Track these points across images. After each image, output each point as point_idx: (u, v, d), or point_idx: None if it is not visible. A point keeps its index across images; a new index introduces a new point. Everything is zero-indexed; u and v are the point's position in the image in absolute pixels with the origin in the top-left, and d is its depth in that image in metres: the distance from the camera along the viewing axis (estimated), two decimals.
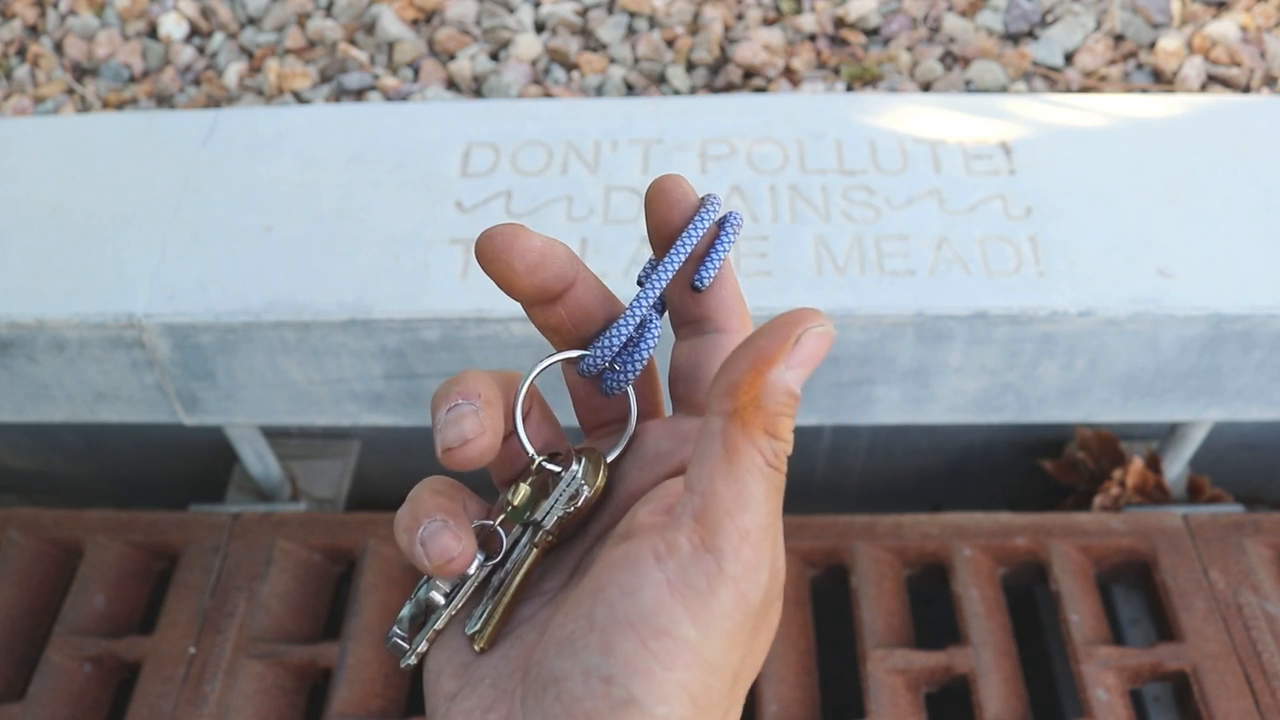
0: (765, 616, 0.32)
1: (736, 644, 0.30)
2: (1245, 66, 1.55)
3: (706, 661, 0.30)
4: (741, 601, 0.30)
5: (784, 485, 0.32)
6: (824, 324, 0.32)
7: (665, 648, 0.29)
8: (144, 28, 1.74)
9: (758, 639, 0.32)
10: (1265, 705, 1.00)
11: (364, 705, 1.06)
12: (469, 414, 0.35)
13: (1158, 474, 1.25)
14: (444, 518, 0.36)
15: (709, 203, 0.39)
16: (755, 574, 0.30)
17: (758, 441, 0.31)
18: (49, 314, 1.04)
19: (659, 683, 0.29)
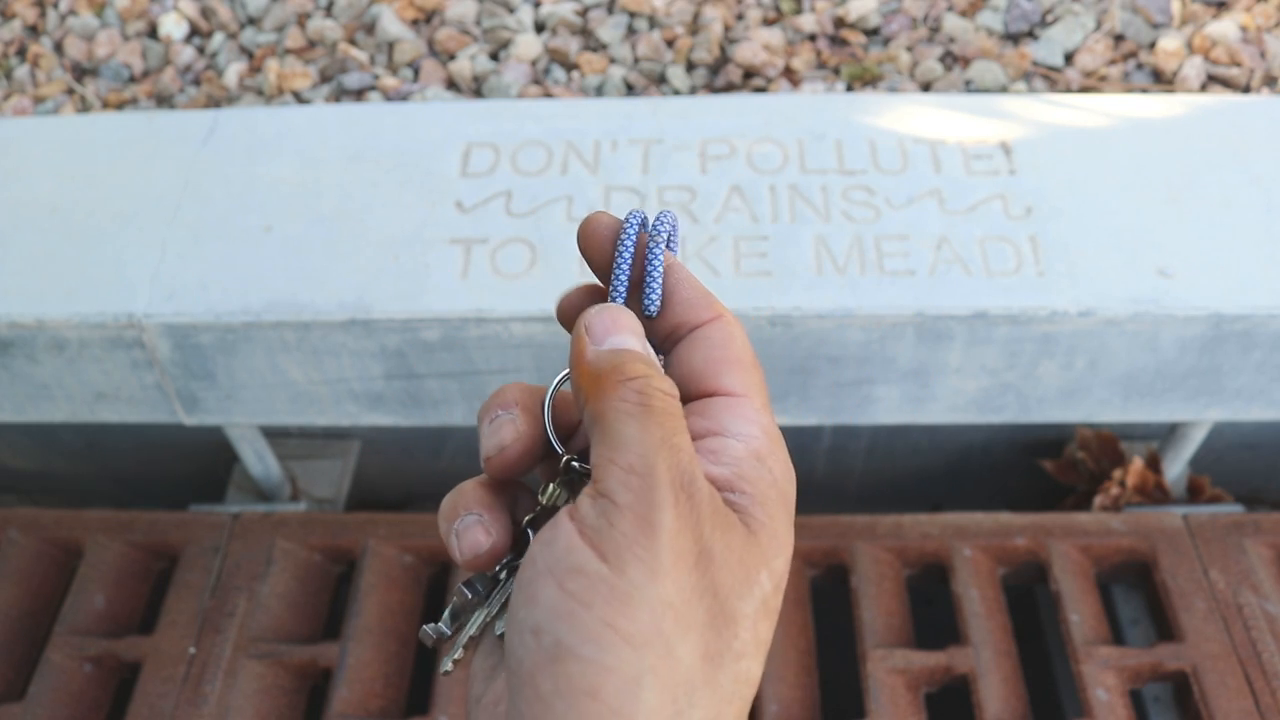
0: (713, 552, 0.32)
1: (662, 574, 0.31)
2: (1245, 66, 1.55)
3: (625, 594, 0.30)
4: (645, 527, 0.31)
5: (670, 419, 0.33)
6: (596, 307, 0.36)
7: (581, 586, 0.30)
8: (144, 28, 1.74)
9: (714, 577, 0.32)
10: (1265, 705, 1.00)
11: (364, 705, 1.06)
12: (507, 423, 0.37)
13: (1158, 474, 1.25)
14: (480, 512, 0.37)
15: (626, 224, 0.39)
16: (651, 498, 0.31)
17: (613, 393, 0.33)
18: (49, 314, 1.04)
19: (581, 622, 0.30)
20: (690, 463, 0.33)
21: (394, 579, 1.15)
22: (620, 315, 0.36)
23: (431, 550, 1.16)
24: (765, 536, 0.33)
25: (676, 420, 0.33)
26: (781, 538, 0.34)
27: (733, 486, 0.34)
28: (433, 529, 1.17)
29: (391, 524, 1.17)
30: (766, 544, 0.33)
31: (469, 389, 1.10)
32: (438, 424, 1.15)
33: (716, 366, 0.37)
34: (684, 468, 0.32)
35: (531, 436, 0.37)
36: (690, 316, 0.38)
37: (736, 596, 0.32)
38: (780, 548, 0.34)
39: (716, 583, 0.32)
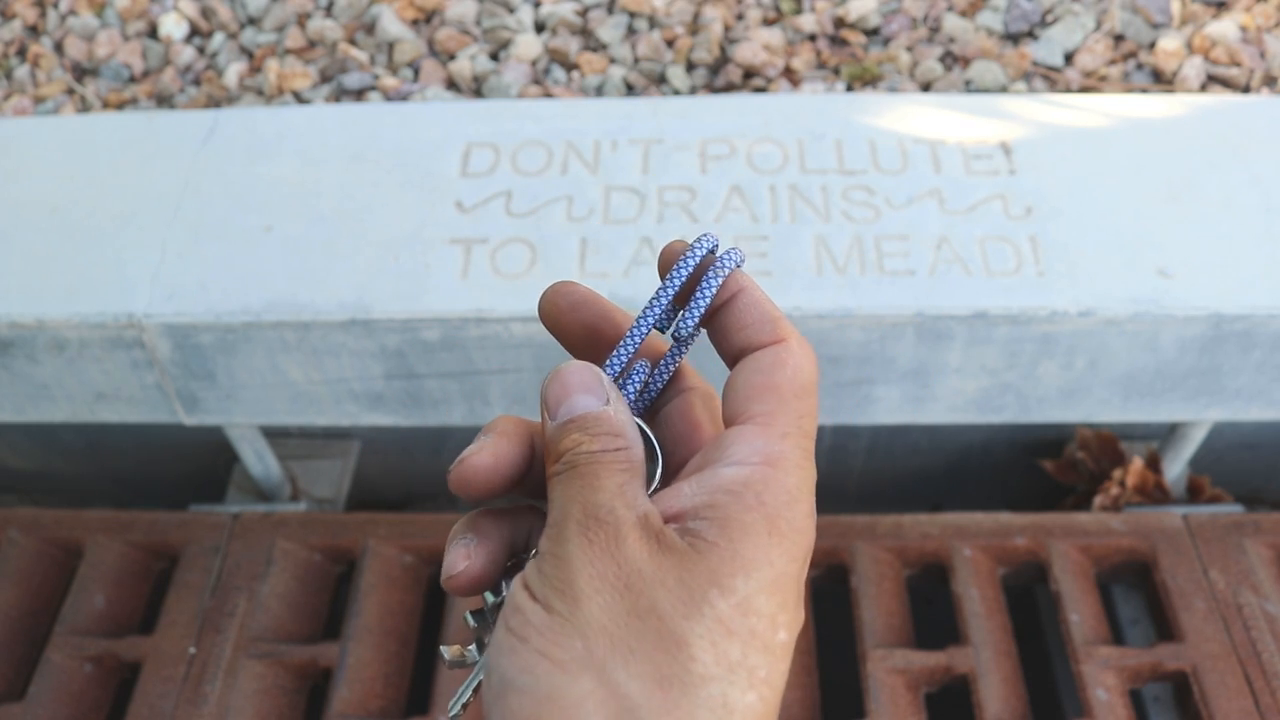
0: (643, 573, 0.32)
1: (584, 599, 0.32)
2: (1245, 66, 1.55)
3: (553, 624, 0.32)
4: (556, 561, 0.33)
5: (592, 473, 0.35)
6: (550, 374, 0.38)
7: (518, 622, 0.33)
8: (144, 28, 1.74)
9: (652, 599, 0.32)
10: (1265, 705, 1.00)
11: (364, 705, 1.06)
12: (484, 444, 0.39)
13: (1158, 474, 1.26)
14: (471, 536, 0.38)
15: (694, 245, 0.39)
16: (560, 535, 0.34)
17: (551, 467, 0.36)
18: (49, 314, 1.04)
19: (519, 655, 0.32)
20: (610, 498, 0.34)
21: (394, 579, 1.15)
22: (568, 377, 0.37)
23: (431, 550, 1.16)
24: (716, 557, 0.33)
25: (603, 468, 0.35)
26: (747, 558, 0.33)
27: (697, 514, 0.34)
28: (433, 529, 1.17)
29: (391, 524, 1.17)
30: (717, 564, 0.33)
31: (469, 389, 1.10)
32: (438, 424, 1.15)
33: (749, 392, 0.37)
34: (597, 502, 0.34)
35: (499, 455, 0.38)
36: (749, 341, 0.38)
37: (682, 617, 0.32)
38: (742, 567, 0.33)
39: (656, 603, 0.32)
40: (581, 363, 0.38)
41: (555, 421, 0.37)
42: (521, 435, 0.39)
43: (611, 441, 0.36)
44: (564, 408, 0.37)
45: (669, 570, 0.32)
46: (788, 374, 0.37)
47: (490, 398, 1.11)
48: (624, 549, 0.33)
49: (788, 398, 0.37)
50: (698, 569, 0.32)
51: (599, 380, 0.37)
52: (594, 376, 0.37)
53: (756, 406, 0.37)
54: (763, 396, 0.37)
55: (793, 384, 0.37)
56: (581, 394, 0.37)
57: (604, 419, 0.36)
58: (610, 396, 0.37)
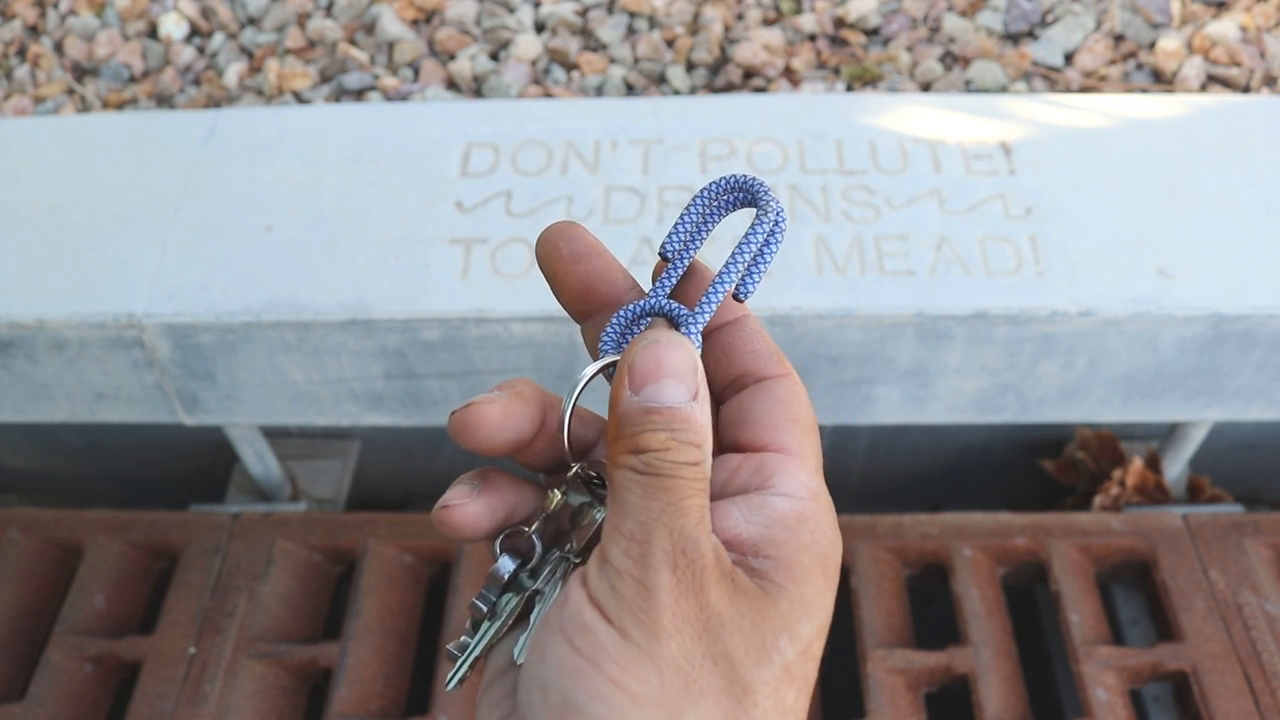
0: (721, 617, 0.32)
1: (664, 636, 0.31)
2: (1245, 66, 1.55)
3: (631, 656, 0.31)
4: (643, 590, 0.31)
5: (679, 485, 0.33)
6: (648, 338, 0.35)
7: (589, 643, 0.31)
8: (144, 28, 1.74)
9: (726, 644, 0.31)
10: (1265, 705, 1.00)
11: (364, 705, 1.06)
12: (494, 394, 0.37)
13: (1158, 474, 1.26)
14: (480, 484, 0.37)
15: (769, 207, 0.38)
16: (648, 564, 0.32)
17: (624, 462, 0.33)
18: (49, 314, 1.04)
19: (589, 680, 0.31)
20: (695, 528, 0.32)
21: (394, 579, 1.15)
22: (668, 353, 0.34)
23: (432, 550, 1.16)
24: (786, 602, 0.33)
25: (687, 485, 0.33)
26: (810, 602, 0.33)
27: (759, 550, 0.33)
28: (432, 529, 1.17)
29: (391, 524, 1.17)
30: (788, 610, 0.33)
31: (469, 389, 1.10)
32: (438, 424, 1.15)
33: (776, 421, 0.36)
34: (686, 533, 0.32)
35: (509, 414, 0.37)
36: (758, 368, 0.38)
37: (753, 664, 0.32)
38: (808, 613, 0.33)
39: (729, 649, 0.32)
40: (680, 338, 0.35)
41: (637, 401, 0.34)
42: (537, 402, 0.38)
43: (694, 454, 0.34)
44: (651, 390, 0.34)
45: (745, 615, 0.32)
46: (804, 408, 0.37)
47: None
48: (707, 591, 0.32)
49: (809, 432, 0.37)
50: (771, 615, 0.32)
51: (694, 368, 0.35)
52: (691, 362, 0.35)
53: (786, 437, 0.36)
54: (789, 428, 0.36)
55: (809, 417, 0.37)
56: (675, 381, 0.34)
57: (691, 422, 0.34)
58: (699, 390, 0.35)
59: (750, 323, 0.38)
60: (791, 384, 0.37)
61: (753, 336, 0.38)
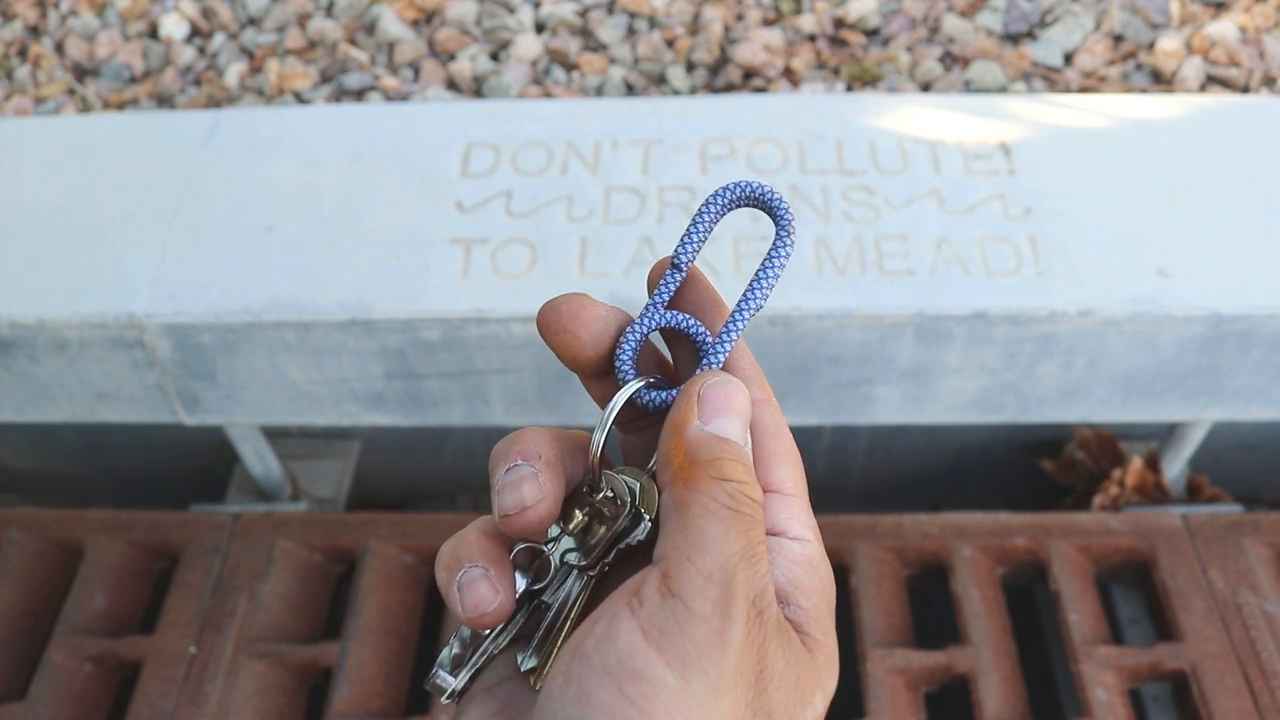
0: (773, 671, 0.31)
1: (725, 690, 0.30)
2: (1244, 67, 1.55)
3: (687, 706, 0.29)
4: (717, 641, 0.30)
5: (755, 528, 0.32)
6: (718, 377, 0.34)
7: (642, 692, 0.29)
8: (145, 28, 1.74)
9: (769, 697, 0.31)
10: (1264, 705, 1.00)
11: (364, 705, 1.06)
12: (529, 478, 0.34)
13: (1157, 474, 1.26)
14: (486, 566, 0.35)
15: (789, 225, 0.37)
16: (728, 612, 0.30)
17: (705, 488, 0.32)
18: (50, 314, 1.04)
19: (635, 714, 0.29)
20: (765, 578, 0.32)
21: (394, 579, 1.15)
22: (736, 395, 0.34)
23: (431, 550, 1.16)
24: (822, 657, 0.33)
25: (760, 531, 0.32)
26: (834, 656, 0.33)
27: (788, 597, 0.33)
28: (433, 529, 1.17)
29: (392, 524, 1.17)
30: (824, 664, 0.33)
31: (469, 389, 1.10)
32: (438, 424, 1.15)
33: (769, 458, 0.35)
34: (761, 584, 0.31)
35: (555, 497, 0.35)
36: None
37: (787, 717, 0.31)
38: (833, 668, 0.33)
39: (771, 703, 0.31)
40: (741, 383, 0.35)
41: (707, 430, 0.33)
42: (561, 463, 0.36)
43: (758, 492, 0.33)
44: (720, 423, 0.33)
45: (792, 670, 0.32)
46: (789, 438, 0.36)
47: (490, 398, 1.11)
48: (769, 646, 0.31)
49: (796, 463, 0.36)
50: (811, 671, 0.32)
51: (749, 413, 0.35)
52: (749, 407, 0.35)
53: (781, 474, 0.36)
54: (781, 464, 0.36)
55: (795, 448, 0.36)
56: (739, 421, 0.34)
57: (749, 462, 0.34)
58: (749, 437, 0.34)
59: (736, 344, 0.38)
60: (774, 411, 0.37)
61: (740, 357, 0.37)
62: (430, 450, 1.43)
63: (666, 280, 0.38)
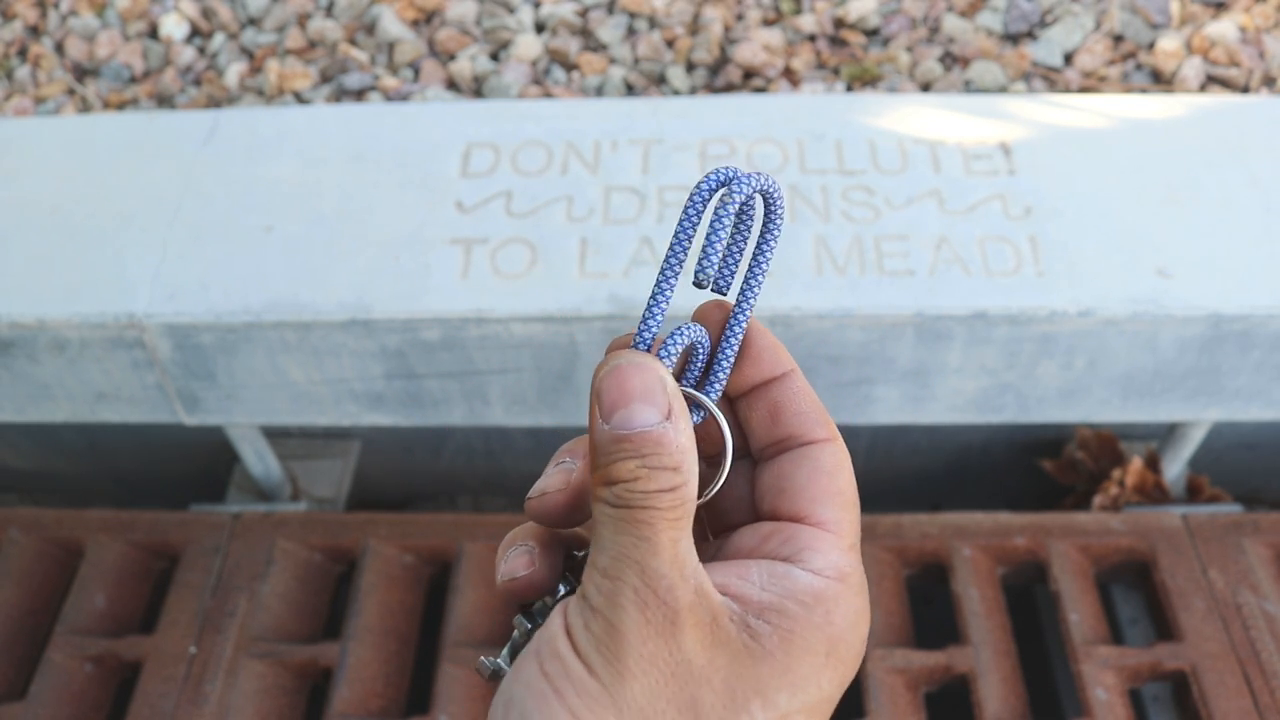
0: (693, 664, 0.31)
1: (629, 676, 0.31)
2: (1244, 67, 1.55)
3: (594, 691, 0.31)
4: (611, 630, 0.31)
5: (651, 519, 0.32)
6: (608, 366, 0.34)
7: (556, 671, 0.32)
8: (145, 28, 1.74)
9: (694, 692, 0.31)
10: (1264, 704, 1.00)
11: (364, 705, 1.06)
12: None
13: (1157, 474, 1.26)
14: (533, 544, 0.37)
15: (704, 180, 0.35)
16: (617, 602, 0.31)
17: (600, 494, 0.33)
18: (50, 314, 1.04)
19: (550, 707, 0.31)
20: (669, 566, 0.32)
21: (394, 579, 1.15)
22: (632, 378, 0.33)
23: (431, 550, 1.16)
24: (768, 667, 0.32)
25: (660, 517, 0.32)
26: (799, 676, 0.32)
27: (763, 614, 0.33)
28: (432, 529, 1.17)
29: (392, 524, 1.17)
30: (767, 674, 0.32)
31: (469, 389, 1.10)
32: (438, 424, 1.15)
33: (817, 493, 0.35)
34: (658, 572, 0.32)
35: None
36: (804, 431, 0.36)
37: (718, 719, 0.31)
38: (791, 685, 0.32)
39: (697, 699, 0.31)
40: (642, 357, 0.34)
41: (608, 429, 0.33)
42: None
43: (669, 479, 0.32)
44: (619, 417, 0.33)
45: (718, 668, 0.31)
46: (848, 479, 0.36)
47: (490, 398, 1.11)
48: (679, 636, 0.31)
49: (850, 506, 0.36)
50: (746, 674, 0.32)
51: (662, 386, 0.33)
52: (657, 381, 0.33)
53: (826, 512, 0.35)
54: (830, 501, 0.35)
55: (852, 490, 0.36)
56: (641, 404, 0.33)
57: (664, 444, 0.32)
58: (673, 408, 0.33)
59: (796, 379, 0.37)
60: (836, 451, 0.36)
61: (799, 396, 0.37)
62: (430, 450, 1.43)
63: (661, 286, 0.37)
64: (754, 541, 0.35)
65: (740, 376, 0.37)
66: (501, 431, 1.39)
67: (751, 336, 0.37)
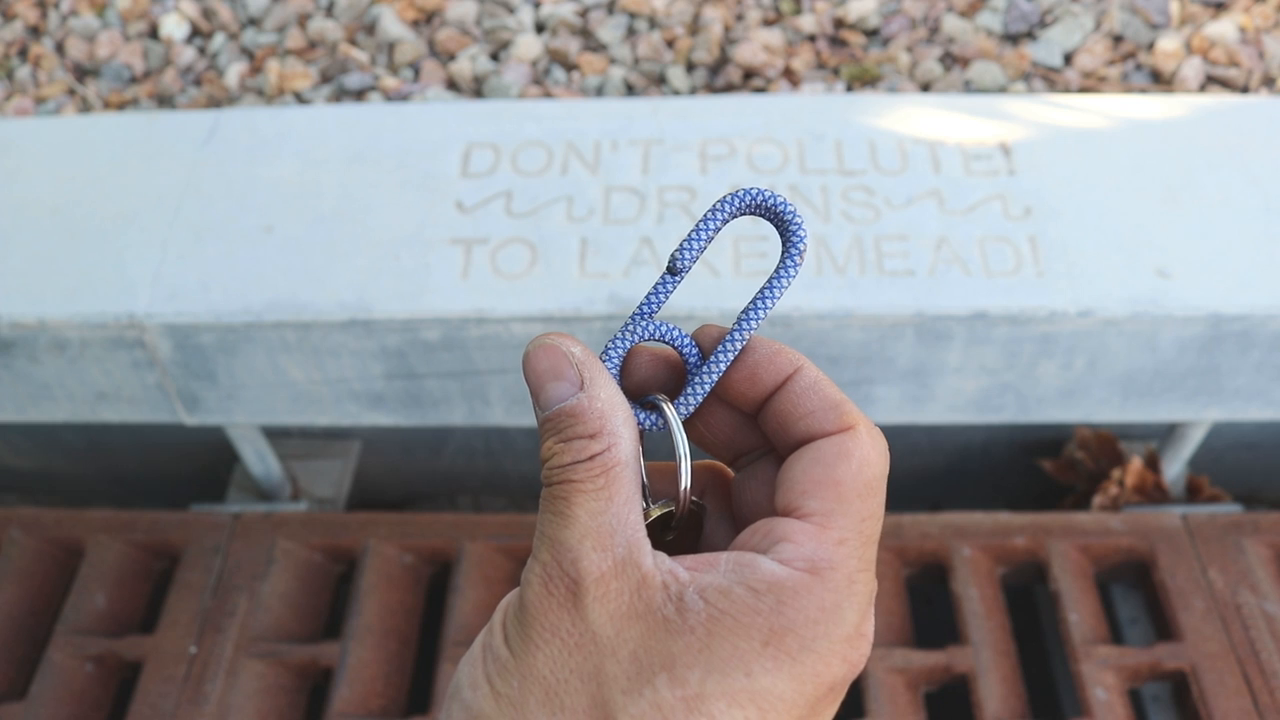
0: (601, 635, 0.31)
1: (530, 647, 0.32)
2: (1244, 67, 1.55)
3: (503, 658, 0.32)
4: (522, 605, 0.33)
5: (568, 492, 0.32)
6: (526, 350, 0.35)
7: (486, 641, 0.33)
8: (145, 28, 1.75)
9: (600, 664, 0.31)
10: (1264, 704, 1.00)
11: (364, 704, 1.06)
12: None
13: (1156, 474, 1.26)
14: None
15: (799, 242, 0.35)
16: (527, 576, 0.33)
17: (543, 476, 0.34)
18: (50, 314, 1.04)
19: (475, 670, 0.33)
20: (577, 540, 0.31)
21: (394, 579, 1.15)
22: (534, 362, 0.34)
23: (432, 550, 1.17)
24: (683, 643, 0.30)
25: (575, 489, 0.32)
26: (721, 659, 0.30)
27: (704, 591, 0.31)
28: (433, 529, 1.17)
29: (392, 524, 1.17)
30: (680, 651, 0.30)
31: (469, 389, 1.10)
32: (438, 424, 1.15)
33: (808, 485, 0.33)
34: (565, 545, 0.32)
35: None
36: (814, 429, 0.34)
37: (620, 691, 0.30)
38: (709, 666, 0.30)
39: (601, 670, 0.31)
40: (549, 337, 0.34)
41: (540, 413, 0.34)
42: None
43: (586, 448, 0.32)
44: (542, 398, 0.34)
45: (626, 640, 0.31)
46: (852, 468, 0.33)
47: (490, 398, 1.11)
48: (582, 607, 0.31)
49: (849, 496, 0.33)
50: (656, 647, 0.30)
51: (567, 360, 0.33)
52: (561, 356, 0.33)
53: (812, 503, 0.33)
54: (820, 492, 0.33)
55: (857, 480, 0.33)
56: (553, 381, 0.33)
57: (578, 414, 0.32)
58: (585, 376, 0.33)
59: (800, 381, 0.35)
60: (844, 440, 0.34)
61: (804, 396, 0.35)
62: (430, 450, 1.43)
63: (660, 286, 0.36)
64: (747, 536, 0.34)
65: (742, 395, 0.36)
66: (501, 431, 1.39)
67: (746, 352, 0.36)
